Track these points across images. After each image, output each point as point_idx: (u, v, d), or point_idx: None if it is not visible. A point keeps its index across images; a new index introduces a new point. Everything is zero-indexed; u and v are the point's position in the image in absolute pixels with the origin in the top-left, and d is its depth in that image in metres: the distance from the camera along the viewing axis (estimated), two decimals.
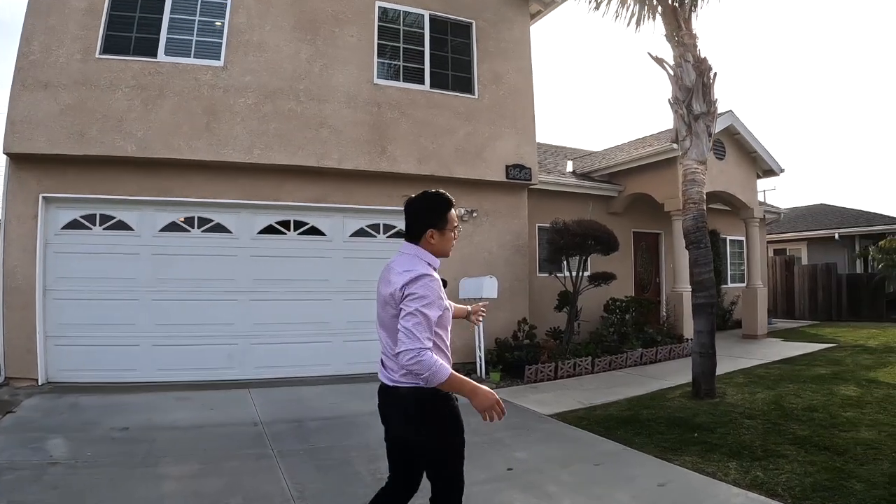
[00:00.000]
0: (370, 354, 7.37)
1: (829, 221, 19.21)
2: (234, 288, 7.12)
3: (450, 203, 2.43)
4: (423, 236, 2.37)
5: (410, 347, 2.10)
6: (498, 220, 8.91)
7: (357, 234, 7.97)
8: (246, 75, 6.91)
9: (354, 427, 5.20)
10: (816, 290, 16.41)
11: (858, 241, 17.95)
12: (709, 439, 4.80)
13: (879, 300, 15.80)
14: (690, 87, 6.59)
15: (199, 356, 6.83)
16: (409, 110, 7.99)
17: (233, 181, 7.04)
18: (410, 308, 2.15)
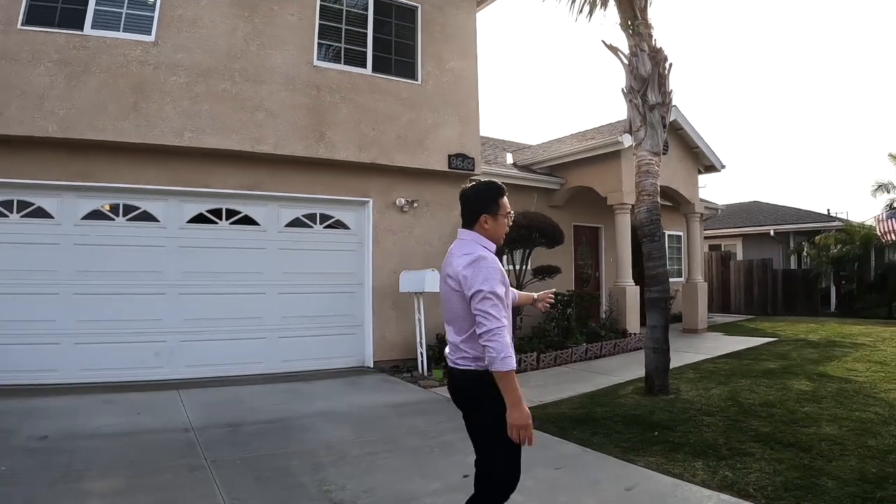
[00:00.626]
0: (305, 351, 7.94)
1: (765, 218, 21.25)
2: (162, 281, 7.37)
3: (501, 190, 2.81)
4: (478, 222, 2.74)
5: (490, 327, 2.44)
6: (439, 211, 9.53)
7: (293, 225, 8.38)
8: (178, 52, 7.14)
9: (295, 431, 5.38)
10: (752, 285, 18.29)
11: (793, 238, 19.99)
12: (670, 438, 5.08)
13: (814, 295, 17.84)
14: (646, 76, 7.13)
15: (125, 355, 7.05)
16: (350, 95, 8.45)
17: (161, 166, 7.26)
18: (482, 291, 2.49)
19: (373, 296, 8.73)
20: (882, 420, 5.44)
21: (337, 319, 8.56)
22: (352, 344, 8.67)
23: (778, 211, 22.01)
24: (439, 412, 6.07)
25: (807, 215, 20.86)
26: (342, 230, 8.80)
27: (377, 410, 6.21)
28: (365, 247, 8.85)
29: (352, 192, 8.73)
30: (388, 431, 5.42)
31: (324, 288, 8.48)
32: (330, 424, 5.59)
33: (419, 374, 8.04)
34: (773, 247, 20.24)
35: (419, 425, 5.60)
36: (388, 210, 9.02)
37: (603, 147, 11.33)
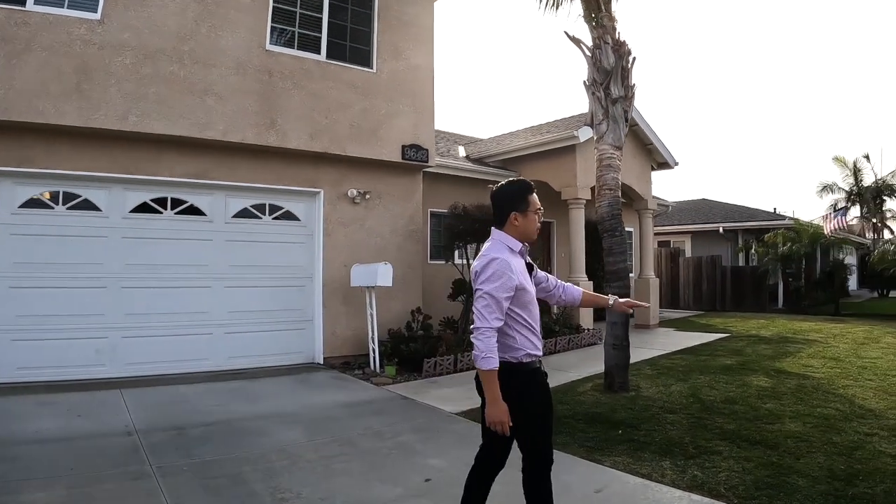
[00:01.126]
0: (253, 347, 8.35)
1: (714, 216, 22.81)
2: (104, 274, 7.58)
3: (530, 187, 3.13)
4: (508, 220, 3.05)
5: (478, 326, 2.82)
6: (392, 203, 10.00)
7: (241, 215, 8.70)
8: (125, 32, 7.33)
9: (244, 434, 5.48)
10: (701, 282, 19.69)
11: (741, 236, 21.50)
12: (635, 437, 5.34)
13: (762, 292, 19.38)
14: (609, 69, 7.58)
15: (64, 352, 7.23)
16: (303, 81, 8.80)
17: (104, 152, 7.46)
18: (480, 291, 2.88)
19: (323, 290, 9.14)
20: (844, 416, 5.96)
21: (286, 314, 8.93)
22: (301, 340, 9.05)
23: (726, 209, 23.66)
24: (394, 412, 6.42)
25: (755, 213, 22.49)
26: (292, 222, 9.15)
27: (330, 410, 6.42)
28: (315, 239, 9.23)
29: (302, 183, 9.09)
30: (343, 433, 5.58)
31: (272, 281, 8.84)
32: (281, 426, 5.76)
33: (371, 370, 8.52)
34: (722, 244, 21.71)
35: (374, 426, 5.83)
36: (340, 201, 9.42)
37: (558, 141, 12.07)
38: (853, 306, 20.39)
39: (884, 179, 30.53)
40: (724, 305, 19.41)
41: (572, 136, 11.67)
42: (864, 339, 11.71)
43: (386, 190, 9.97)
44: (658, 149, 14.15)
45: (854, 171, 30.75)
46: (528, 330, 3.00)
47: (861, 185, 30.86)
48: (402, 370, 8.53)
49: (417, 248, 10.42)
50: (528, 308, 3.00)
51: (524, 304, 2.98)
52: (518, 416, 2.90)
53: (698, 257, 20.58)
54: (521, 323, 2.98)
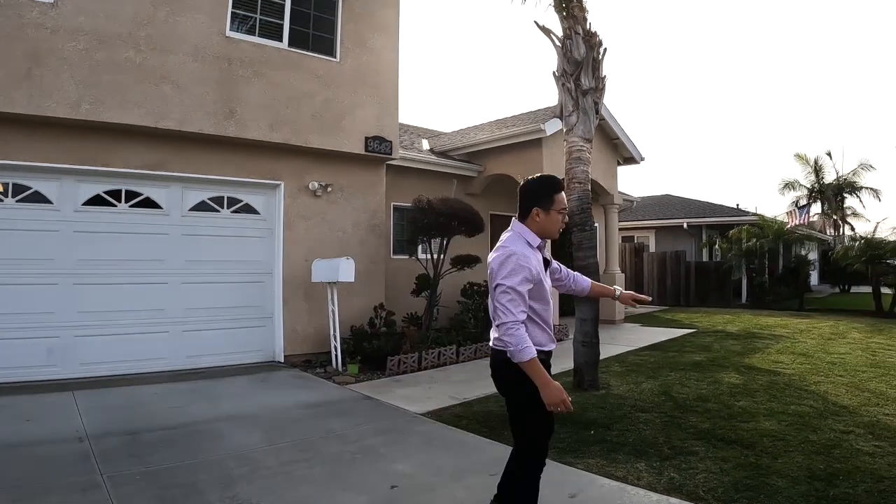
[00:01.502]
0: (211, 345, 8.43)
1: (677, 211, 23.53)
2: (55, 270, 7.55)
3: (557, 186, 3.25)
4: (530, 215, 3.20)
5: (505, 321, 2.95)
6: (354, 196, 10.14)
7: (198, 208, 8.75)
8: (79, 15, 7.30)
9: (201, 438, 5.43)
10: (666, 277, 20.36)
11: (705, 231, 22.21)
12: (607, 437, 5.39)
13: (726, 287, 20.11)
14: (580, 60, 7.72)
15: (13, 352, 7.18)
16: (264, 69, 8.87)
17: (56, 142, 7.42)
18: (503, 286, 2.99)
19: (283, 286, 9.25)
20: (818, 413, 6.14)
21: (245, 311, 9.01)
22: (261, 337, 9.14)
23: (690, 204, 24.46)
24: (357, 412, 6.47)
25: (719, 209, 23.26)
26: (251, 215, 9.22)
27: (291, 412, 6.44)
28: (275, 233, 9.32)
29: (262, 175, 9.17)
30: (305, 436, 5.57)
31: (231, 277, 8.91)
32: (240, 429, 5.72)
33: (333, 369, 8.66)
34: (686, 239, 22.40)
35: (337, 428, 5.85)
36: (301, 194, 9.51)
37: (525, 134, 12.32)
38: (816, 301, 21.28)
39: (845, 177, 31.87)
40: (689, 301, 20.10)
41: (539, 129, 11.93)
42: (830, 335, 12.19)
43: (348, 183, 10.09)
44: (624, 143, 14.55)
45: (815, 168, 32.10)
46: (538, 324, 3.15)
47: (822, 183, 32.21)
48: (364, 368, 8.66)
49: (380, 242, 10.57)
50: (541, 302, 3.15)
51: (538, 297, 3.13)
52: (515, 408, 3.18)
53: (663, 252, 21.23)
54: (535, 317, 3.14)
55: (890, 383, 7.59)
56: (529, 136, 12.26)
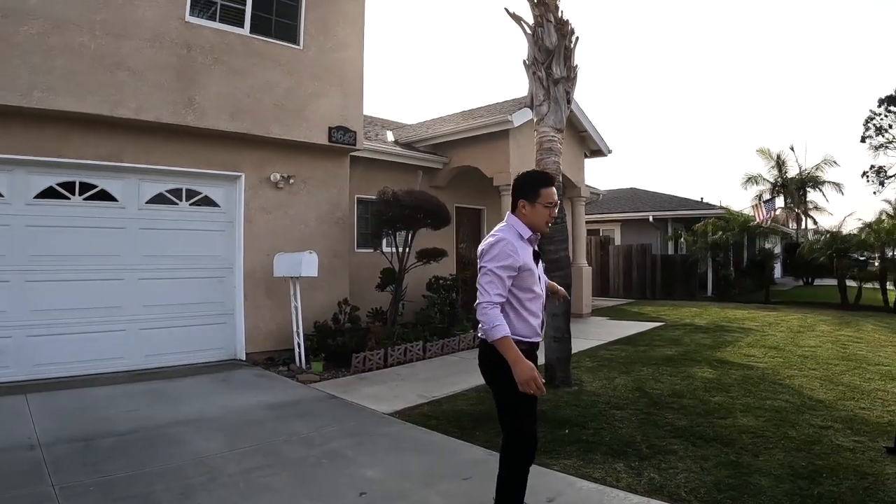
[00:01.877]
0: (170, 344, 8.52)
1: (643, 204, 24.13)
2: (6, 266, 7.48)
3: (544, 181, 3.50)
4: (517, 207, 3.46)
5: (480, 301, 3.20)
6: (317, 188, 10.22)
7: (155, 201, 8.74)
8: None
9: (160, 444, 5.35)
10: (632, 270, 21.00)
11: (671, 224, 22.80)
12: (583, 436, 5.44)
13: (692, 280, 20.77)
14: (552, 48, 7.80)
15: None
16: (225, 57, 8.88)
17: (5, 131, 7.34)
18: (484, 268, 3.26)
19: (244, 281, 9.30)
20: (795, 408, 6.35)
21: (205, 307, 9.03)
22: (222, 335, 9.18)
23: (656, 198, 25.13)
24: (322, 413, 6.49)
25: (685, 203, 23.95)
26: (211, 208, 9.23)
27: (253, 413, 6.41)
28: (236, 227, 9.35)
29: (222, 166, 9.18)
30: (268, 440, 5.53)
31: (190, 272, 8.93)
32: (200, 434, 5.66)
33: (297, 367, 8.77)
34: (652, 232, 22.97)
35: (301, 431, 5.82)
36: (262, 186, 9.55)
37: (492, 126, 12.52)
38: (781, 294, 22.03)
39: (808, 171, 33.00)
40: (655, 294, 20.75)
41: (506, 120, 12.13)
42: (798, 328, 12.73)
43: (311, 175, 10.16)
44: (592, 136, 14.88)
45: (778, 163, 33.20)
46: (522, 316, 3.33)
47: (785, 177, 33.32)
48: (329, 366, 8.77)
49: (344, 235, 10.67)
50: (527, 293, 3.34)
51: (524, 287, 3.33)
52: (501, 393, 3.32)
53: (628, 245, 21.77)
54: (518, 306, 3.33)
55: (863, 377, 7.97)
56: (497, 127, 12.45)
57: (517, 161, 12.62)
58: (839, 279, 18.33)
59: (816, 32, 77.03)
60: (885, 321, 14.22)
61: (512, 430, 3.44)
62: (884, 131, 40.43)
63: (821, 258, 18.54)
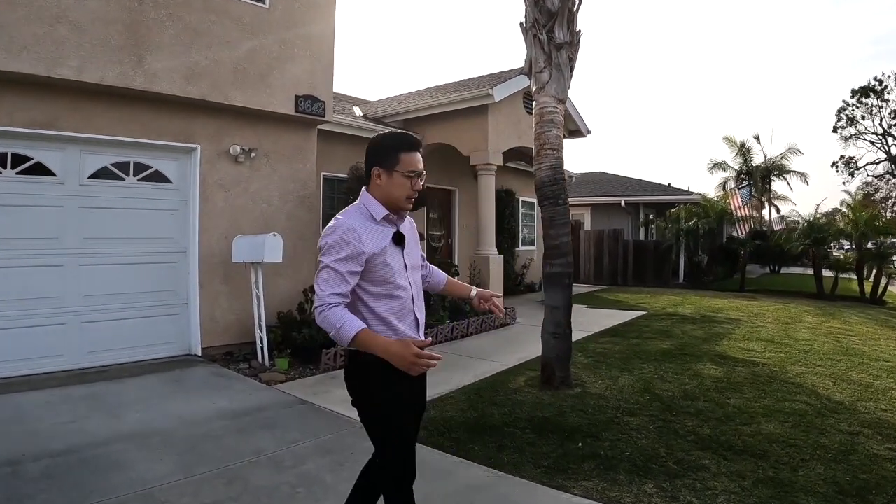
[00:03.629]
0: (117, 338, 7.80)
1: (614, 189, 24.02)
2: None
3: (406, 143, 2.81)
4: (371, 177, 2.82)
5: (315, 306, 2.66)
6: (281, 163, 9.56)
7: (99, 176, 7.95)
8: None
9: (101, 467, 4.65)
10: (603, 256, 20.88)
11: (642, 209, 22.67)
12: (600, 451, 5.02)
13: (665, 267, 20.72)
14: (554, 10, 7.28)
15: None
16: (180, 12, 8.13)
17: None
18: (321, 262, 2.69)
19: (199, 266, 8.61)
20: (816, 411, 6.16)
21: (155, 297, 8.32)
22: (174, 327, 8.49)
23: (627, 183, 25.06)
24: (292, 424, 5.84)
25: (657, 188, 23.93)
26: (162, 184, 8.48)
27: (210, 424, 5.73)
28: (190, 205, 8.64)
29: (175, 137, 8.45)
30: (229, 461, 4.83)
31: (138, 257, 8.20)
32: (147, 453, 4.97)
33: (259, 364, 8.15)
34: (623, 217, 22.85)
35: (269, 448, 5.15)
36: (220, 160, 8.85)
37: (470, 100, 12.04)
38: (753, 282, 22.17)
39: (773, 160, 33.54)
40: (626, 280, 20.71)
41: (486, 94, 11.63)
42: (786, 318, 12.79)
43: (274, 148, 9.48)
44: (571, 114, 14.47)
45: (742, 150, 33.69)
46: (381, 319, 2.75)
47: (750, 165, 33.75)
48: (295, 362, 8.19)
49: (311, 216, 10.04)
50: (386, 286, 2.76)
51: (379, 281, 2.75)
52: (363, 412, 2.81)
53: (600, 231, 21.58)
54: (375, 306, 2.74)
55: (870, 374, 7.86)
56: (475, 101, 11.96)
57: (496, 138, 12.16)
58: (815, 269, 18.48)
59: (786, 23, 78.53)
60: (867, 312, 14.44)
61: (380, 454, 2.88)
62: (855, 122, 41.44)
63: (800, 248, 18.64)
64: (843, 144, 42.79)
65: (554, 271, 7.37)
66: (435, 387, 6.86)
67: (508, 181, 16.79)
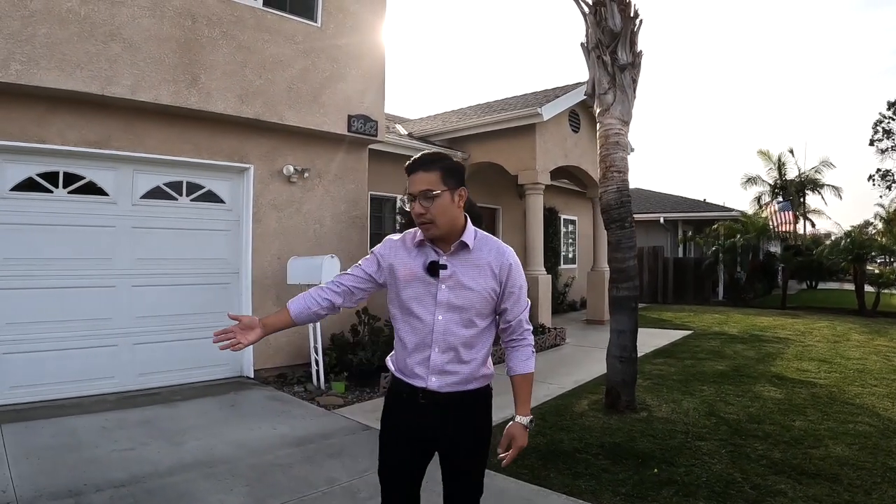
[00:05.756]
0: (168, 360, 7.21)
1: (653, 205, 23.08)
2: None
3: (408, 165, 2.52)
4: None
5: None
6: (333, 183, 9.04)
7: (152, 195, 7.46)
8: None
9: (168, 498, 4.24)
10: (643, 272, 20.01)
11: (681, 226, 21.75)
12: (676, 477, 4.69)
13: (706, 284, 19.79)
14: (616, 31, 6.86)
15: None
16: (234, 31, 7.65)
17: None
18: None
19: (252, 287, 8.07)
20: (880, 433, 5.77)
21: (208, 318, 7.75)
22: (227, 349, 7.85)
23: (665, 199, 24.08)
24: (359, 451, 5.26)
25: (694, 204, 22.98)
26: (215, 204, 7.99)
27: (275, 452, 5.21)
28: (242, 226, 8.12)
29: (229, 156, 7.95)
30: (303, 492, 4.36)
31: (191, 278, 7.68)
32: (215, 484, 4.48)
33: (315, 387, 7.54)
34: (661, 234, 21.94)
35: (340, 477, 4.66)
36: (273, 180, 8.34)
37: (517, 119, 11.44)
38: (792, 299, 21.10)
39: (807, 174, 32.10)
40: (666, 297, 19.76)
41: (535, 113, 11.01)
42: (833, 337, 12.01)
43: (326, 168, 8.95)
44: None
45: (778, 164, 32.12)
46: (398, 333, 2.57)
47: (785, 179, 32.28)
48: (351, 385, 7.56)
49: (361, 237, 9.47)
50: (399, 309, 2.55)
51: (396, 297, 2.55)
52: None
53: (640, 248, 20.70)
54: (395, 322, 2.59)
55: None
56: (523, 121, 11.34)
57: (543, 157, 11.54)
58: (857, 284, 17.51)
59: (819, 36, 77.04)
60: None
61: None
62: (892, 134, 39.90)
63: (841, 263, 17.70)
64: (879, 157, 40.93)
65: (621, 295, 6.91)
66: (497, 411, 6.28)
67: (550, 199, 16.08)
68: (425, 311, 2.45)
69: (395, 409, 2.59)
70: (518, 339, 2.61)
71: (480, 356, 2.52)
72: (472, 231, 2.48)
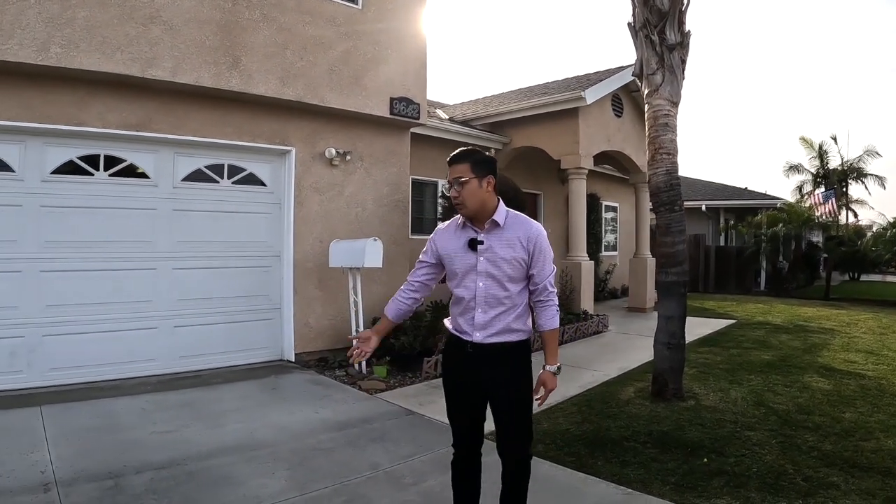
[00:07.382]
0: (209, 343, 6.92)
1: (694, 193, 22.17)
2: (17, 253, 5.96)
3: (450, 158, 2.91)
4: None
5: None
6: (374, 167, 8.68)
7: (193, 178, 7.19)
8: None
9: (205, 482, 4.02)
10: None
11: (723, 214, 20.88)
12: (726, 467, 4.46)
13: (748, 273, 18.89)
14: (665, 11, 6.47)
15: None
16: (274, 13, 7.30)
17: (15, 94, 5.79)
18: None
19: (294, 271, 7.77)
20: None
21: (248, 301, 7.51)
22: (268, 332, 7.66)
23: (707, 187, 23.11)
24: (401, 436, 5.05)
25: (736, 192, 22.02)
26: (256, 187, 7.68)
27: (317, 436, 4.98)
28: (284, 209, 7.80)
29: (270, 139, 7.63)
30: (345, 476, 4.15)
31: (232, 261, 7.40)
32: (255, 467, 4.29)
33: (356, 371, 7.21)
34: (703, 222, 21.09)
35: (383, 462, 4.45)
36: (315, 163, 7.99)
37: (560, 103, 10.93)
38: (835, 290, 19.99)
39: (850, 162, 30.45)
40: (707, 286, 18.94)
41: (578, 96, 10.47)
42: (879, 329, 11.33)
43: (368, 151, 8.57)
44: None
45: (820, 153, 30.45)
46: (453, 305, 3.04)
47: (827, 168, 30.66)
48: (393, 369, 7.25)
49: (403, 220, 9.09)
50: (454, 283, 3.00)
51: (450, 276, 3.02)
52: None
53: None
54: (452, 296, 3.04)
55: None
56: (566, 104, 10.81)
57: (587, 141, 10.99)
58: None
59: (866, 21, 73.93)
60: None
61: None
62: None
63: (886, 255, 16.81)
64: None
65: (670, 280, 6.47)
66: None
67: (592, 185, 15.45)
68: (469, 280, 2.91)
69: (450, 358, 3.06)
70: (544, 300, 2.95)
71: (515, 314, 2.89)
72: (503, 211, 2.88)
